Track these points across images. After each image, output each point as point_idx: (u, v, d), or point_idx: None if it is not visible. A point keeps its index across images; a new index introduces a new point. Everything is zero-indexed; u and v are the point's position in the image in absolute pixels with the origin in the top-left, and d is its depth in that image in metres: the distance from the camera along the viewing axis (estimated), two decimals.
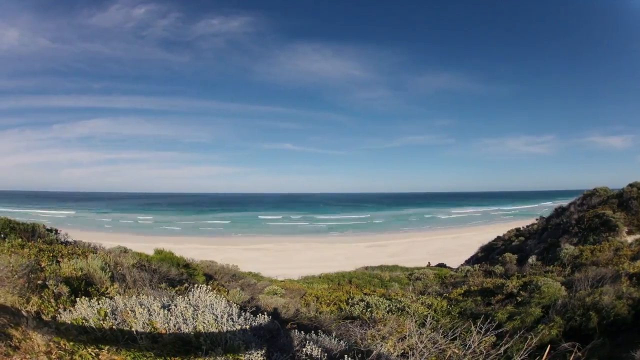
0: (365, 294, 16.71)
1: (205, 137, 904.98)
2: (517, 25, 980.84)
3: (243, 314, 6.63)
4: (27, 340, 5.75)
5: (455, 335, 7.84)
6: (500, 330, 8.30)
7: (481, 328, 7.39)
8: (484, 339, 7.46)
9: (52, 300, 7.23)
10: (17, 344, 5.67)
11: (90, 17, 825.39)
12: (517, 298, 15.18)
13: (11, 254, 9.30)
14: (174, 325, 5.79)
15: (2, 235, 12.39)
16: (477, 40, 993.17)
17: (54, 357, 5.38)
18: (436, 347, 7.33)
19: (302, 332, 7.12)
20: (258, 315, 6.84)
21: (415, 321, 8.48)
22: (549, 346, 7.14)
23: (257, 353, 5.62)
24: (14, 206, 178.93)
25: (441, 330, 8.30)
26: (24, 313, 6.43)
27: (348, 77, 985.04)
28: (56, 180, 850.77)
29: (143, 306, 6.04)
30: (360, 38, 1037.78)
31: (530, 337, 7.75)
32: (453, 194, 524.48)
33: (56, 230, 15.90)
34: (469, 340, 7.32)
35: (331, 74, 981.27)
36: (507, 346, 7.30)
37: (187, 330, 5.69)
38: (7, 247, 10.68)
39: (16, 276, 7.40)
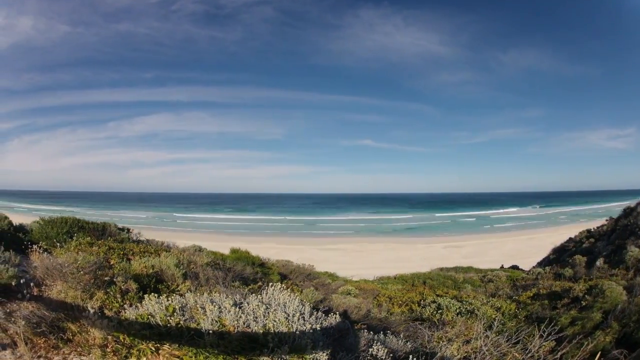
0: (437, 295, 15.78)
1: (278, 132, 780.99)
2: None
3: (315, 313, 6.42)
4: (83, 334, 5.58)
5: (519, 339, 7.54)
6: (560, 335, 8.14)
7: (544, 332, 7.19)
8: (543, 344, 7.25)
9: (117, 296, 7.21)
10: (70, 337, 5.52)
11: None
12: (582, 302, 14.45)
13: (78, 251, 9.30)
14: (244, 323, 5.60)
15: (70, 234, 12.38)
16: (564, 5, 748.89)
17: (109, 350, 5.19)
18: (498, 351, 7.14)
19: (372, 332, 7.04)
20: (329, 315, 6.70)
21: (483, 324, 8.43)
22: (599, 353, 7.02)
23: (323, 353, 5.41)
24: (87, 207, 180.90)
25: (506, 334, 8.05)
26: (85, 308, 6.19)
27: (426, 55, 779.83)
28: (120, 181, 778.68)
29: (214, 303, 5.86)
30: (433, 1, 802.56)
31: (586, 343, 7.64)
32: (530, 193, 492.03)
33: (128, 230, 15.89)
34: (530, 344, 7.17)
35: (406, 50, 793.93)
36: (563, 352, 7.17)
37: (256, 328, 5.48)
38: (74, 245, 10.68)
39: (82, 272, 7.39)
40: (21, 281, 6.55)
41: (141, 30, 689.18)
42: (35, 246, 9.11)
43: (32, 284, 6.97)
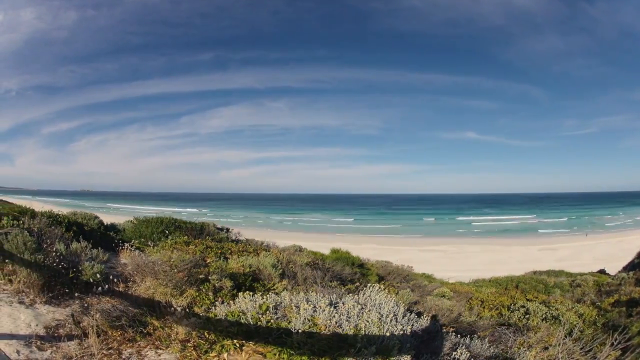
0: (528, 299, 15.46)
1: (373, 125, 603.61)
2: None
3: (408, 314, 6.21)
4: (165, 329, 5.46)
5: (592, 347, 7.36)
6: (627, 344, 7.94)
7: (616, 340, 7.04)
8: (611, 352, 7.09)
9: (210, 293, 7.06)
10: (151, 331, 5.43)
11: None
12: None
13: (173, 250, 9.47)
14: (336, 323, 5.28)
15: (165, 233, 12.59)
16: None
17: (190, 345, 5.10)
18: (571, 358, 7.04)
19: (459, 336, 6.86)
20: (421, 317, 6.50)
21: (565, 331, 8.43)
22: None
23: (408, 355, 5.24)
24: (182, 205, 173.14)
25: (582, 342, 7.86)
26: (173, 304, 6.19)
27: (512, 9, 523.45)
28: (211, 182, 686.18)
29: (309, 302, 5.68)
30: None
31: None
32: (624, 193, 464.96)
33: (227, 229, 16.03)
34: (600, 353, 7.07)
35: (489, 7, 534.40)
36: None
37: (347, 328, 5.22)
38: (169, 244, 10.76)
39: (175, 270, 7.34)
40: (110, 277, 6.56)
41: (160, 2, 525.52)
42: (126, 244, 9.28)
43: (117, 280, 7.02)
